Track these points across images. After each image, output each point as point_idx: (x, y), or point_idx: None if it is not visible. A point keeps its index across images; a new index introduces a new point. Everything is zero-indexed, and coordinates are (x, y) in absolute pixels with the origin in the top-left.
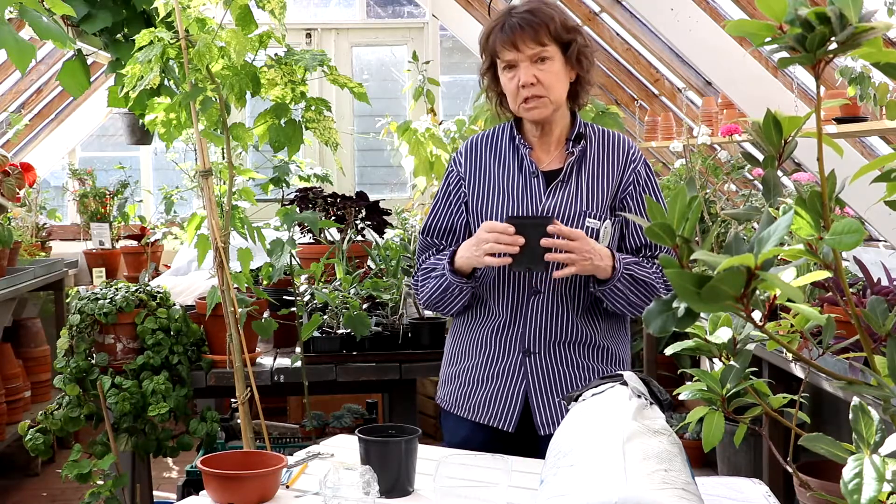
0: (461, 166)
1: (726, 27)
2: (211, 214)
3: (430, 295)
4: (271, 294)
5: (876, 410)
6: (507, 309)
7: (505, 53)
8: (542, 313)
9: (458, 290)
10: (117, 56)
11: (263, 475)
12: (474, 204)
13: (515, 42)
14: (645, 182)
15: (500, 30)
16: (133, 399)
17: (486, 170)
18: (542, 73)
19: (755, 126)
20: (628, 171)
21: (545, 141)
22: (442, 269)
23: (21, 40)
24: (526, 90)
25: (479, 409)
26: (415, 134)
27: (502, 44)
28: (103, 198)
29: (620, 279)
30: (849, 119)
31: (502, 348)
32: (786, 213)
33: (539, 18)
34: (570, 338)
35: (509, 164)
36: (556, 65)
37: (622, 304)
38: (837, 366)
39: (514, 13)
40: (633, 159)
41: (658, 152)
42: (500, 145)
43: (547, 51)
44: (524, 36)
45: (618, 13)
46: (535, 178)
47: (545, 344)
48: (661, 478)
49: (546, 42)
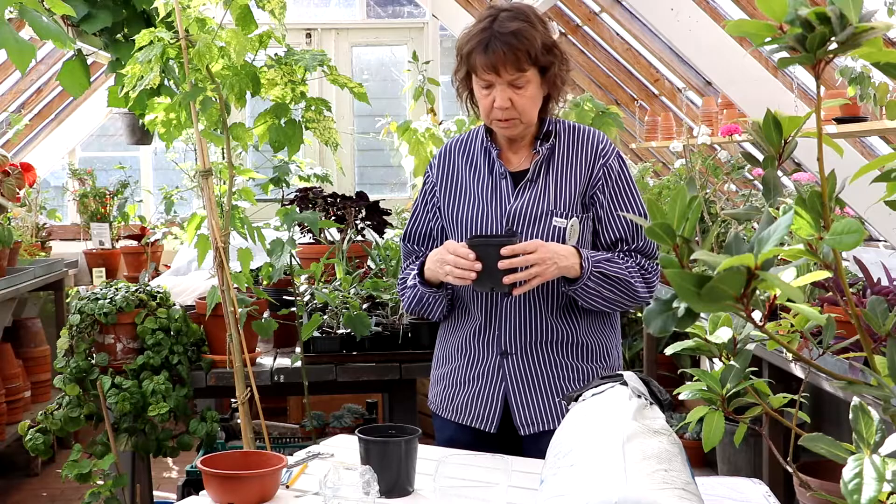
0: (434, 170)
1: (726, 27)
2: (211, 214)
3: (410, 304)
4: (271, 294)
5: (876, 410)
6: (484, 312)
7: (483, 74)
8: (517, 315)
9: (431, 300)
10: (117, 56)
11: (263, 475)
12: (446, 208)
13: (496, 67)
14: (617, 175)
15: (482, 50)
16: (133, 399)
17: (458, 174)
18: (517, 97)
19: (755, 126)
20: (598, 165)
21: (515, 143)
22: (413, 280)
23: (21, 40)
24: (500, 112)
25: (462, 411)
26: (415, 134)
27: (482, 66)
28: (103, 198)
29: (591, 277)
30: (849, 119)
31: (481, 350)
32: (786, 213)
33: (522, 43)
34: (547, 337)
35: (480, 167)
36: (531, 88)
37: (597, 302)
38: (837, 366)
39: (498, 31)
40: (604, 153)
41: (658, 152)
42: (472, 149)
43: (525, 76)
44: (506, 62)
45: (618, 13)
46: (503, 179)
47: (522, 345)
48: (661, 478)
49: (526, 68)
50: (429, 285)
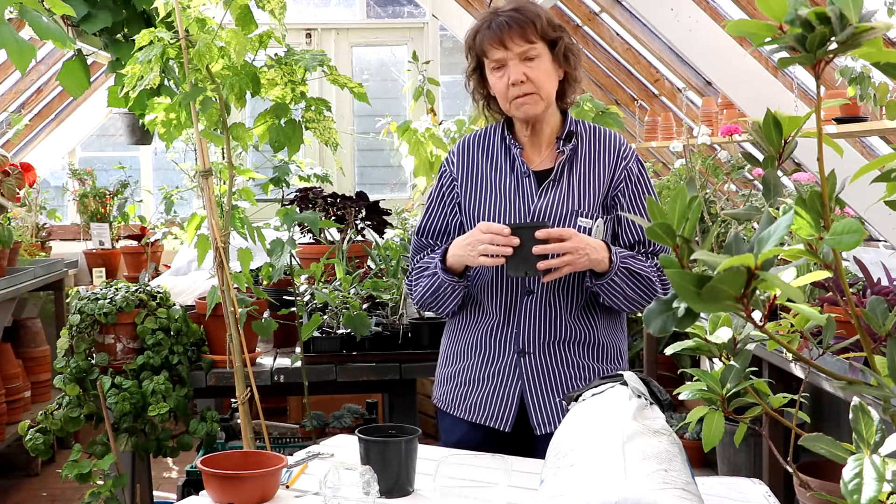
0: (454, 166)
1: (726, 27)
2: (211, 214)
3: (424, 294)
4: (271, 294)
5: (876, 410)
6: (501, 309)
7: (493, 52)
8: (536, 313)
9: (450, 289)
10: (117, 56)
11: (263, 475)
12: (467, 204)
13: (504, 40)
14: (637, 178)
15: (487, 28)
16: (133, 399)
17: (479, 170)
18: (531, 71)
19: (755, 126)
20: (620, 168)
21: (536, 140)
22: (434, 268)
23: (21, 40)
24: (516, 88)
25: (476, 409)
26: (415, 134)
27: (490, 42)
28: (103, 198)
29: (618, 272)
30: (849, 119)
31: (497, 349)
32: (786, 213)
33: (525, 16)
34: (565, 337)
35: (501, 164)
36: (544, 62)
37: (620, 299)
38: (837, 366)
39: (500, 12)
40: (625, 156)
41: (658, 152)
42: (491, 145)
43: (535, 48)
44: (512, 34)
45: (618, 13)
46: (526, 178)
47: (540, 344)
48: (661, 478)
49: (534, 39)
50: (450, 274)
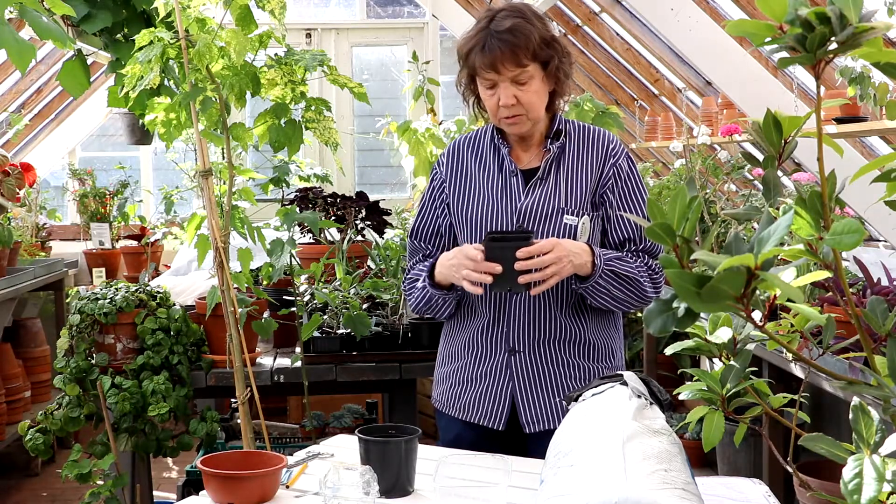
0: (443, 167)
1: (726, 27)
2: (211, 214)
3: (418, 304)
4: (271, 294)
5: (876, 410)
6: (491, 309)
7: (485, 74)
8: (526, 312)
9: (441, 300)
10: (117, 56)
11: (263, 475)
12: (455, 205)
13: (496, 65)
14: (627, 175)
15: (480, 50)
16: (133, 399)
17: (468, 171)
18: (522, 94)
19: (755, 126)
20: (608, 165)
21: (525, 141)
22: (423, 282)
23: (21, 40)
24: (506, 109)
25: (469, 409)
26: (415, 134)
27: (482, 66)
28: (103, 198)
29: (602, 275)
30: (849, 119)
31: (488, 348)
32: (786, 213)
33: (519, 39)
34: (556, 336)
35: (490, 164)
36: (535, 83)
37: (606, 300)
38: (837, 366)
39: (494, 29)
40: (614, 153)
41: (658, 152)
42: (481, 146)
43: (527, 71)
44: (504, 59)
45: (618, 13)
46: (514, 177)
47: (530, 342)
48: (661, 478)
49: (526, 63)
50: (439, 287)
